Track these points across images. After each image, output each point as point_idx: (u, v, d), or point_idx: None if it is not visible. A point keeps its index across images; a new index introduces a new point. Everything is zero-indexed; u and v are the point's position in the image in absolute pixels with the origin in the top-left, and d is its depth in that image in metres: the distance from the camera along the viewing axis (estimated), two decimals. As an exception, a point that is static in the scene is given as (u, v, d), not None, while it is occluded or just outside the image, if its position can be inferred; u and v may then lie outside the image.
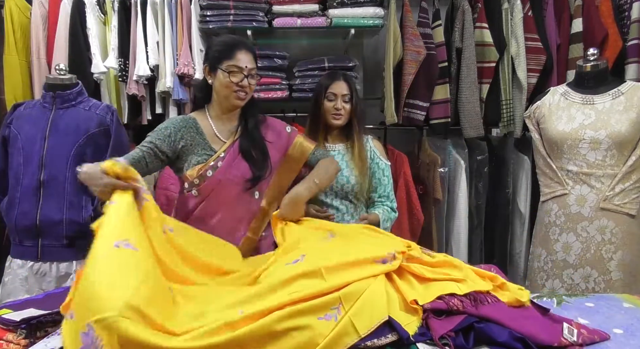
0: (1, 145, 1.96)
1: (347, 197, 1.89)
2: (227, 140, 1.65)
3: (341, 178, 1.86)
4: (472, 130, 2.56)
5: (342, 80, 1.89)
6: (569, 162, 1.93)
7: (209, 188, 1.59)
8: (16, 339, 1.12)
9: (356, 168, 1.87)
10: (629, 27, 2.46)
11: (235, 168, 1.61)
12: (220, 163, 1.59)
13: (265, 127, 1.72)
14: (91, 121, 1.92)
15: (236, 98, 1.60)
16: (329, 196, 1.88)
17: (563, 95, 2.00)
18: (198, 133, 1.62)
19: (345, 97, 1.87)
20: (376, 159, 1.94)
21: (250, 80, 1.61)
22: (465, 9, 2.52)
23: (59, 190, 1.87)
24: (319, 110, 1.90)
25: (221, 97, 1.63)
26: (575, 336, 1.14)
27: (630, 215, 1.86)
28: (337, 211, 1.88)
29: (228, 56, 1.57)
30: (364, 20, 2.48)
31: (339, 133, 1.96)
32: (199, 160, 1.59)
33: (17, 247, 1.93)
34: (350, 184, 1.87)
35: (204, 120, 1.65)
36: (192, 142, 1.60)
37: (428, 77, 2.51)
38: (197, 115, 1.67)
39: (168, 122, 1.63)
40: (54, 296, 1.35)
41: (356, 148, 1.89)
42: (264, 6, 2.47)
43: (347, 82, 1.89)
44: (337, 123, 1.89)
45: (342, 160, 1.89)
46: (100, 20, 2.54)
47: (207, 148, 1.61)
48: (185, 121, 1.63)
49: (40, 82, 2.47)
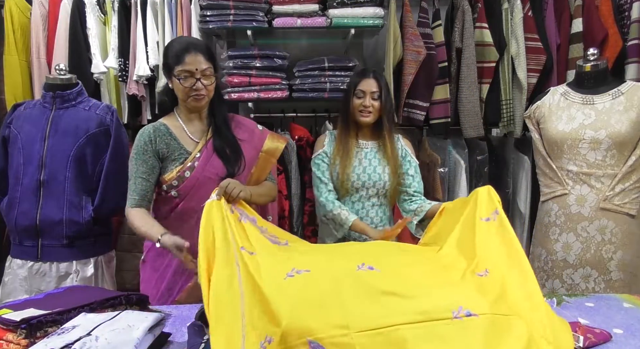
0: (1, 145, 1.95)
1: (378, 194, 1.90)
2: (200, 140, 1.66)
3: (374, 175, 1.87)
4: (472, 130, 2.56)
5: (371, 77, 1.87)
6: (569, 162, 1.93)
7: (187, 188, 1.61)
8: (16, 339, 1.12)
9: (389, 166, 1.88)
10: (629, 27, 2.46)
11: (211, 166, 1.63)
12: (196, 163, 1.62)
13: (235, 125, 1.74)
14: (91, 121, 1.92)
15: (194, 101, 1.60)
16: (360, 192, 1.89)
17: (563, 95, 2.00)
18: (172, 138, 1.63)
19: (374, 94, 1.85)
20: (408, 157, 1.95)
21: (205, 81, 1.57)
22: (465, 9, 2.52)
23: (59, 190, 1.87)
24: (349, 108, 1.89)
25: (182, 101, 1.64)
26: (581, 342, 1.15)
27: (630, 215, 1.86)
28: (367, 207, 1.90)
29: (177, 61, 1.55)
30: (364, 20, 2.48)
31: (370, 131, 1.94)
32: (176, 163, 1.62)
33: (17, 247, 1.93)
34: (383, 181, 1.88)
35: (175, 124, 1.66)
36: (168, 148, 1.62)
37: (428, 77, 2.51)
38: (167, 120, 1.67)
39: (142, 136, 1.63)
40: (54, 296, 1.35)
41: (388, 146, 1.89)
42: (264, 6, 2.47)
43: (376, 80, 1.87)
44: (365, 121, 1.87)
45: (374, 158, 1.90)
46: (100, 20, 2.54)
47: (182, 150, 1.63)
48: (157, 130, 1.64)
49: (40, 82, 2.47)
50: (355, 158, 1.89)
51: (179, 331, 1.28)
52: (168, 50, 1.61)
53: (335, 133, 1.95)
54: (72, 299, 1.26)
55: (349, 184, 1.86)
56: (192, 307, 1.41)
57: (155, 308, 1.40)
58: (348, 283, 1.08)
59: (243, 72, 2.48)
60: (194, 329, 1.19)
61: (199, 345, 1.13)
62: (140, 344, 1.06)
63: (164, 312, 1.33)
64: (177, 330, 1.28)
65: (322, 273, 1.15)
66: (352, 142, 1.90)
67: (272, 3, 2.47)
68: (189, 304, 1.46)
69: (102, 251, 2.00)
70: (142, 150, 1.61)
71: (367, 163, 1.89)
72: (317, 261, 1.23)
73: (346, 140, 1.89)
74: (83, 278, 1.91)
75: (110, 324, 1.10)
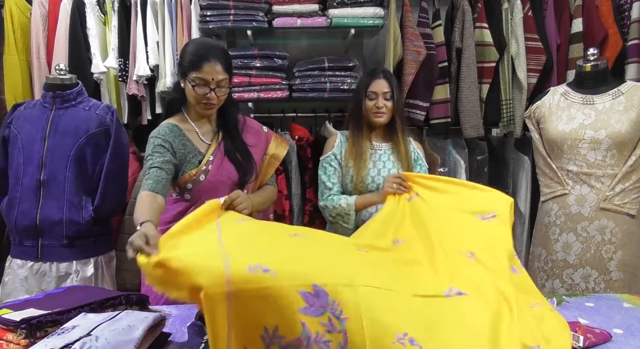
0: (1, 145, 1.95)
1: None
2: (211, 141, 1.65)
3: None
4: (472, 130, 2.56)
5: (382, 77, 1.85)
6: (569, 162, 1.93)
7: (201, 192, 1.60)
8: (16, 339, 1.12)
9: (402, 168, 1.85)
10: (629, 27, 2.46)
11: (224, 170, 1.62)
12: (210, 167, 1.61)
13: (245, 130, 1.72)
14: (91, 121, 1.92)
15: (203, 109, 1.58)
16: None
17: (563, 95, 2.00)
18: (187, 139, 1.61)
19: (386, 94, 1.83)
20: (419, 160, 1.93)
21: (218, 92, 1.55)
22: (465, 9, 2.52)
23: (59, 190, 1.87)
24: (361, 110, 1.86)
25: (192, 105, 1.61)
26: (581, 342, 1.15)
27: (630, 215, 1.86)
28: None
29: (195, 67, 1.51)
30: (364, 20, 2.48)
31: (383, 132, 1.92)
32: (191, 165, 1.60)
33: (17, 247, 1.93)
34: None
35: (186, 125, 1.64)
36: (185, 149, 1.60)
37: (428, 77, 2.51)
38: (177, 121, 1.64)
39: (158, 135, 1.57)
40: (54, 296, 1.35)
41: (402, 146, 1.87)
42: (264, 6, 2.47)
43: (387, 80, 1.84)
44: (380, 121, 1.85)
45: (388, 160, 1.88)
46: (100, 20, 2.54)
47: (196, 152, 1.61)
48: (171, 130, 1.60)
49: (40, 82, 2.47)
50: (370, 160, 1.86)
51: (179, 331, 1.28)
52: (186, 51, 1.57)
53: (347, 134, 1.92)
54: (72, 300, 1.26)
55: (364, 187, 1.83)
56: (192, 307, 1.41)
57: (155, 308, 1.40)
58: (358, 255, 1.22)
59: (243, 72, 2.48)
60: (194, 329, 1.19)
61: (199, 345, 1.13)
62: (140, 344, 1.06)
63: (164, 312, 1.33)
64: (177, 330, 1.28)
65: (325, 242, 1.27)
66: (365, 144, 1.86)
67: (272, 3, 2.47)
68: (189, 304, 1.46)
69: (102, 251, 2.00)
70: (160, 143, 1.54)
71: (382, 165, 1.87)
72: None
73: (359, 142, 1.86)
74: (83, 278, 1.91)
75: (110, 324, 1.10)
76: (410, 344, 0.96)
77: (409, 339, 0.97)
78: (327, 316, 0.95)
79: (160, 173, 1.47)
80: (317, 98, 2.53)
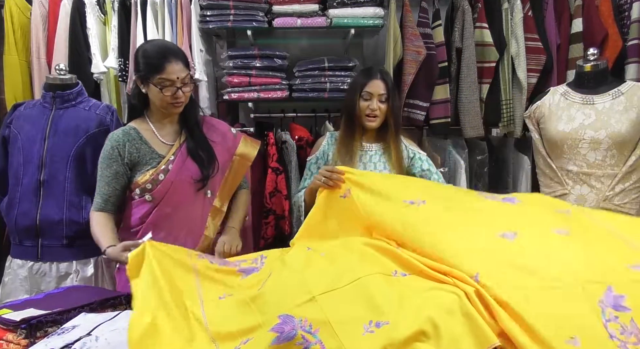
0: (1, 145, 1.95)
1: None
2: (173, 142, 1.67)
3: None
4: (472, 130, 2.56)
5: (379, 78, 1.77)
6: (569, 162, 1.93)
7: (162, 191, 1.61)
8: (16, 339, 1.12)
9: (394, 169, 1.81)
10: (629, 27, 2.46)
11: (186, 169, 1.63)
12: (170, 166, 1.62)
13: (207, 127, 1.74)
14: (91, 121, 1.92)
15: (172, 108, 1.61)
16: None
17: (563, 95, 2.00)
18: (142, 142, 1.63)
19: (381, 96, 1.77)
20: (416, 155, 1.87)
21: (185, 89, 1.58)
22: (465, 9, 2.52)
23: (59, 190, 1.87)
24: (354, 110, 1.79)
25: (157, 107, 1.63)
26: None
27: (630, 215, 1.86)
28: None
29: (157, 70, 1.53)
30: (364, 20, 2.48)
31: (375, 132, 1.86)
32: (148, 167, 1.62)
33: (17, 247, 1.92)
34: None
35: (146, 128, 1.66)
36: (139, 153, 1.62)
37: (428, 77, 2.51)
38: (137, 124, 1.67)
39: (109, 141, 1.64)
40: (54, 296, 1.35)
41: (392, 150, 1.81)
42: (264, 6, 2.47)
43: (384, 81, 1.78)
44: (371, 126, 1.80)
45: (379, 161, 1.84)
46: (100, 20, 2.54)
47: (154, 154, 1.63)
48: (127, 134, 1.63)
49: (40, 82, 2.47)
50: (360, 162, 1.82)
51: (179, 331, 1.27)
52: (143, 56, 1.57)
53: (336, 134, 1.88)
54: (72, 300, 1.27)
55: None
56: (192, 307, 1.40)
57: (155, 308, 1.40)
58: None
59: (243, 72, 2.48)
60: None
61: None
62: (140, 344, 1.06)
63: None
64: (177, 330, 1.28)
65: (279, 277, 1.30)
66: (355, 145, 1.81)
67: (272, 3, 2.47)
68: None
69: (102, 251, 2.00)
70: (107, 155, 1.62)
71: (372, 167, 1.83)
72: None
73: (350, 143, 1.81)
74: (83, 278, 1.91)
75: (110, 324, 1.10)
76: (377, 327, 1.01)
77: (375, 324, 1.02)
78: (300, 334, 1.00)
79: (107, 190, 1.62)
80: (317, 98, 2.54)
